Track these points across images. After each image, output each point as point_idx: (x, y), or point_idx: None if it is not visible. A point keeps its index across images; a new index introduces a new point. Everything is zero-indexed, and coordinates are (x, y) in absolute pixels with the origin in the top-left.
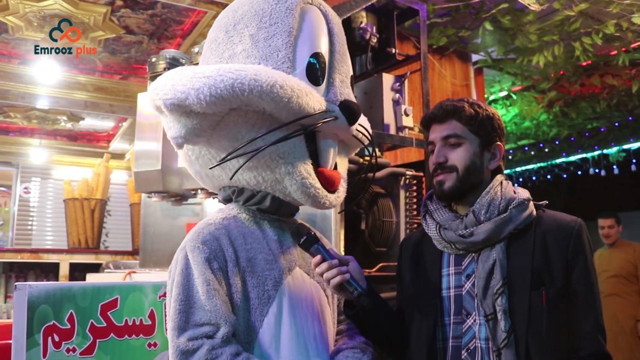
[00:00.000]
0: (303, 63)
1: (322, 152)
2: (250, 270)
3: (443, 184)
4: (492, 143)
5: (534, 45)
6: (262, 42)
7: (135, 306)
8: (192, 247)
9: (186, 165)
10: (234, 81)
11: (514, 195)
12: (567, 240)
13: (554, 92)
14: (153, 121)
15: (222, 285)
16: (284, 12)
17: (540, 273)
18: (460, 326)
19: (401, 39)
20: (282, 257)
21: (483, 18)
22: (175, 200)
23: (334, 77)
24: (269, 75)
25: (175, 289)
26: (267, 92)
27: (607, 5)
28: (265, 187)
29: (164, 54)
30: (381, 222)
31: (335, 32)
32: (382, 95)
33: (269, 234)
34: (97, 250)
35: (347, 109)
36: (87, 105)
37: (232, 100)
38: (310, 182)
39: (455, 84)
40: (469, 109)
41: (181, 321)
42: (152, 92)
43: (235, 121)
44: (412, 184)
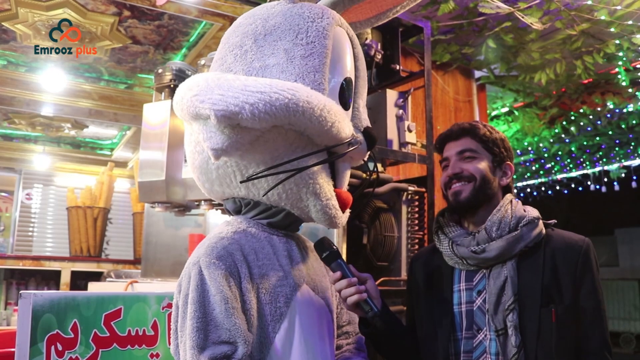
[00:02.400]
0: (336, 86)
1: (339, 174)
2: (263, 286)
3: (460, 194)
4: (503, 162)
5: (536, 62)
6: (299, 60)
7: (139, 316)
8: (207, 263)
9: (196, 171)
10: (289, 101)
11: (524, 213)
12: (575, 259)
13: (556, 109)
14: (158, 131)
15: (238, 303)
16: (321, 32)
17: (550, 290)
18: (471, 341)
19: (405, 55)
20: (292, 273)
21: (486, 35)
22: (178, 210)
23: (359, 103)
24: (319, 99)
25: (192, 306)
26: (317, 116)
27: (608, 25)
28: (285, 203)
29: (170, 65)
30: (383, 237)
31: (360, 58)
32: (386, 111)
33: (279, 249)
34: (99, 259)
35: (369, 137)
36: (92, 113)
37: (282, 119)
38: (334, 203)
39: (458, 99)
40: (483, 128)
41: (200, 339)
42: (193, 97)
43: (274, 138)
44: (414, 200)
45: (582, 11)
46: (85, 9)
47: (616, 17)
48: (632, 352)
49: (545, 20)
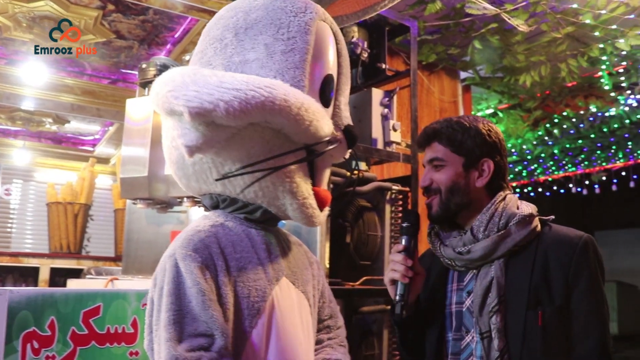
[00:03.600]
0: (317, 83)
1: (318, 172)
2: (240, 279)
3: (431, 208)
4: (479, 160)
5: (522, 65)
6: (279, 55)
7: (118, 314)
8: (183, 255)
9: (173, 166)
10: (265, 99)
11: (515, 211)
12: (569, 257)
13: (540, 112)
14: (141, 127)
15: (215, 295)
16: (303, 27)
17: (539, 291)
18: (459, 342)
19: (391, 54)
20: (271, 266)
21: (472, 37)
22: (160, 207)
23: (340, 100)
24: (297, 97)
25: (167, 298)
26: (294, 114)
27: (592, 29)
28: (261, 201)
29: (154, 60)
30: (366, 236)
31: (343, 54)
32: (371, 110)
33: (257, 243)
34: (79, 256)
35: (350, 135)
36: (74, 108)
37: (258, 117)
38: (311, 202)
39: (443, 100)
40: (448, 129)
41: (176, 332)
42: (168, 93)
43: (250, 136)
44: (397, 199)
45: (567, 14)
46: (68, 1)
47: (600, 22)
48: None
49: (531, 22)
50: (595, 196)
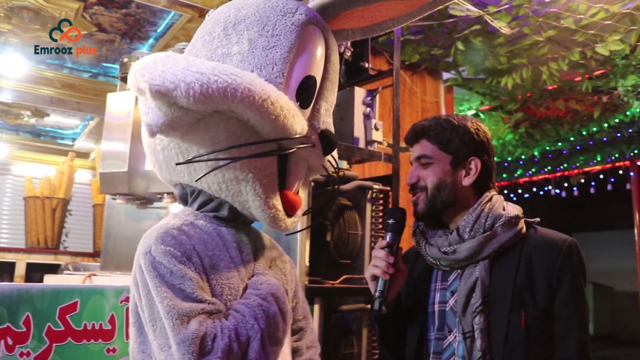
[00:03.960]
0: (295, 83)
1: (290, 175)
2: (213, 277)
3: (417, 205)
4: (467, 158)
5: (504, 67)
6: (260, 50)
7: (96, 310)
8: (161, 251)
9: (148, 152)
10: (227, 85)
11: (502, 212)
12: (553, 259)
13: (520, 114)
14: (122, 122)
15: (203, 283)
16: (289, 27)
17: (522, 293)
18: (441, 342)
19: (375, 54)
20: (242, 264)
21: (455, 38)
22: (140, 203)
23: (321, 104)
24: (263, 89)
25: (156, 290)
26: (257, 105)
27: (573, 33)
28: (225, 195)
29: (136, 55)
30: (347, 235)
31: (332, 60)
32: (353, 109)
33: (228, 241)
34: (57, 251)
35: (326, 139)
36: (53, 101)
37: (220, 103)
38: (273, 202)
39: (425, 100)
40: (436, 127)
41: (179, 318)
42: (137, 71)
43: (216, 124)
44: (378, 198)
45: (549, 18)
46: None
47: (581, 26)
48: None
49: (514, 25)
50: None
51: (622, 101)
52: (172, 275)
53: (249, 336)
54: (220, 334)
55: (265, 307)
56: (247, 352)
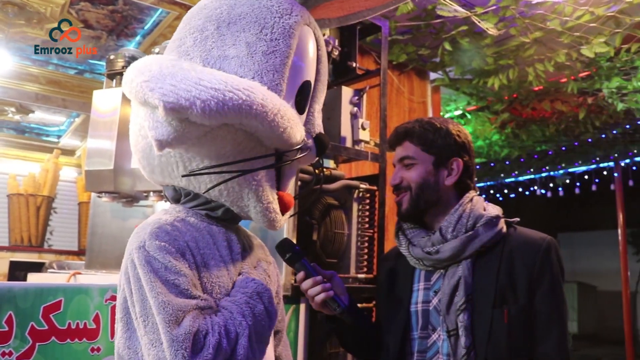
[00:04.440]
0: (294, 89)
1: (285, 177)
2: (204, 275)
3: (401, 205)
4: (449, 159)
5: (490, 67)
6: (260, 56)
7: (80, 309)
8: (155, 246)
9: (138, 154)
10: (242, 102)
11: (482, 212)
12: (533, 258)
13: (507, 114)
14: (108, 119)
15: (195, 280)
16: (287, 30)
17: (504, 291)
18: (425, 341)
19: (362, 53)
20: (232, 263)
21: (443, 38)
22: (126, 201)
23: (315, 108)
24: (274, 103)
25: (148, 285)
26: (269, 120)
27: (559, 35)
28: (225, 200)
29: (123, 52)
30: (333, 234)
31: (322, 61)
32: (341, 108)
33: (219, 240)
34: (41, 249)
35: (321, 143)
36: (39, 98)
37: (233, 119)
38: (274, 207)
39: (412, 100)
40: (419, 129)
41: (172, 313)
42: (143, 83)
43: (223, 136)
44: (365, 197)
45: (535, 20)
46: None
47: (567, 28)
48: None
49: (500, 26)
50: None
51: (606, 103)
52: (166, 270)
53: (238, 333)
54: (211, 331)
55: (252, 305)
56: (236, 349)
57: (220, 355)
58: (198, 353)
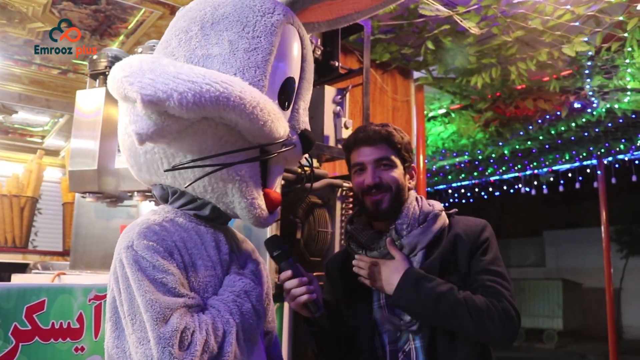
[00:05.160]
0: (276, 85)
1: (271, 174)
2: (192, 275)
3: (380, 204)
4: (410, 165)
5: (473, 66)
6: (242, 53)
7: (64, 309)
8: (144, 246)
9: (125, 153)
10: (220, 94)
11: (429, 208)
12: (474, 235)
13: (490, 113)
14: (91, 119)
15: (184, 279)
16: (269, 28)
17: (448, 264)
18: (395, 332)
19: (345, 52)
20: (219, 263)
21: (425, 37)
22: (110, 201)
23: (299, 104)
24: (253, 96)
25: (136, 284)
26: (248, 112)
27: (540, 34)
28: (210, 197)
29: (106, 52)
30: (317, 232)
31: (308, 60)
32: (324, 107)
33: (207, 240)
34: (25, 250)
35: (306, 139)
36: (22, 98)
37: (212, 111)
38: (259, 203)
39: (396, 99)
40: (397, 135)
41: (159, 311)
42: (123, 78)
43: (204, 130)
44: (348, 196)
45: (517, 19)
46: None
47: (548, 27)
48: (554, 347)
49: (483, 25)
50: (543, 197)
51: (588, 101)
52: (154, 269)
53: (225, 330)
54: (198, 328)
55: (239, 303)
56: (223, 346)
57: (207, 353)
58: (185, 350)
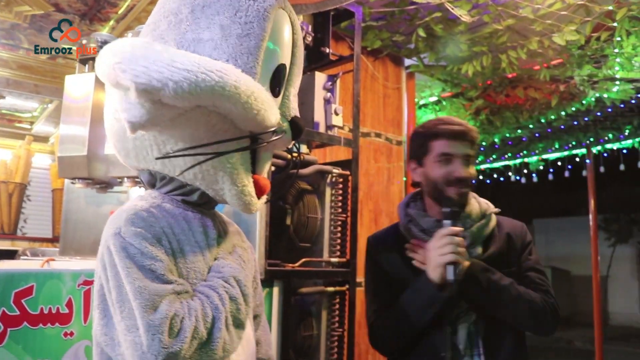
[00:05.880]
0: (269, 72)
1: (260, 161)
2: (180, 261)
3: (464, 196)
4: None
5: (464, 54)
6: (235, 39)
7: (52, 294)
8: (132, 232)
9: (113, 138)
10: (215, 83)
11: (486, 206)
12: (521, 236)
13: (481, 101)
14: (81, 105)
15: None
16: (262, 13)
17: (502, 260)
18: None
19: (336, 39)
20: (207, 249)
21: (417, 24)
22: (100, 187)
23: (290, 91)
24: (248, 85)
25: (124, 271)
26: (242, 102)
27: (531, 22)
28: (200, 183)
29: (95, 37)
30: (306, 218)
31: (298, 45)
32: (314, 94)
33: (194, 225)
34: (14, 236)
35: (296, 127)
36: (10, 83)
37: (206, 101)
38: (249, 190)
39: (387, 86)
40: (477, 136)
41: (147, 299)
42: (115, 65)
43: (197, 118)
44: (338, 182)
45: (508, 7)
46: None
47: (539, 16)
48: None
49: (474, 13)
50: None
51: (578, 90)
52: (142, 256)
53: (214, 317)
54: (188, 315)
55: (228, 289)
56: (212, 332)
57: (197, 339)
58: (175, 337)
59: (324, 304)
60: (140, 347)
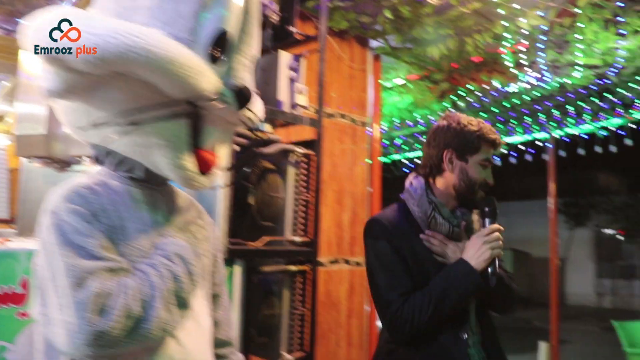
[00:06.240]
0: (207, 38)
1: (204, 134)
2: (121, 239)
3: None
4: None
5: (430, 37)
6: (170, 4)
7: (7, 273)
8: (66, 209)
9: (61, 113)
10: (126, 48)
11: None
12: None
13: (447, 84)
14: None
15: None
16: None
17: None
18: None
19: (303, 19)
20: (153, 226)
21: (383, 6)
22: (59, 166)
23: (237, 59)
24: (164, 49)
25: (57, 248)
26: (159, 67)
27: (497, 6)
28: (138, 157)
29: None
30: (269, 197)
31: (251, 13)
32: (278, 72)
33: (140, 202)
34: None
35: (239, 94)
36: None
37: (118, 66)
38: (181, 163)
39: (353, 67)
40: None
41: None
42: (29, 34)
43: (118, 86)
44: (302, 162)
45: None
46: None
47: (504, 0)
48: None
49: None
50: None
51: (541, 75)
52: (75, 233)
53: (151, 294)
54: (121, 293)
55: (170, 267)
56: (148, 311)
57: (130, 318)
58: (104, 316)
59: (287, 283)
60: (71, 326)
